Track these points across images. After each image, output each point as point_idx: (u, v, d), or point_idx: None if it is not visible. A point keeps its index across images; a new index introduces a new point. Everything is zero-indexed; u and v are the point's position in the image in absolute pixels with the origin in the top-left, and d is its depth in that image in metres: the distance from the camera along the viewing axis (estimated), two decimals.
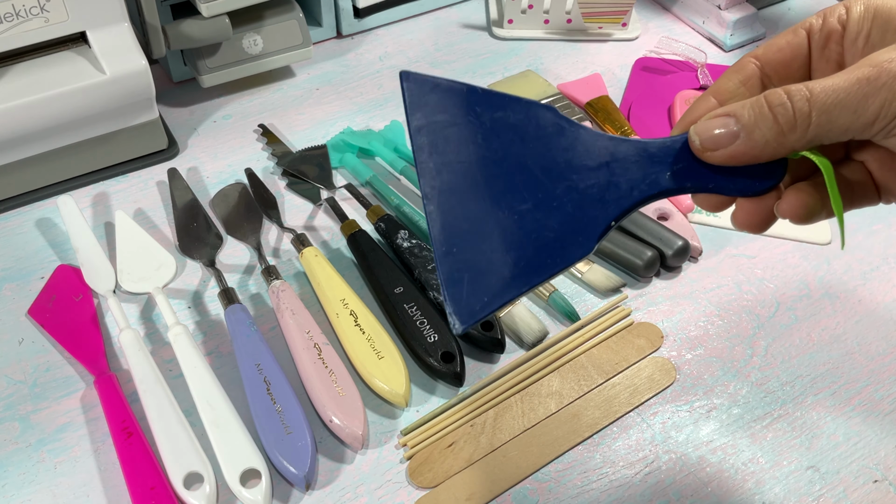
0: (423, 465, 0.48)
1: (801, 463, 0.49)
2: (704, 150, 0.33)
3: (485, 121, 0.36)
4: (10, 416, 0.50)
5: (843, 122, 0.30)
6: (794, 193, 0.33)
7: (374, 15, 0.79)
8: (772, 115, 0.31)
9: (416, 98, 0.36)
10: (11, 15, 0.56)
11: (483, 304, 0.33)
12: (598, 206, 0.34)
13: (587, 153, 0.35)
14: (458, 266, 0.33)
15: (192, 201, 0.62)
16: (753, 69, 0.35)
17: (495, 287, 0.33)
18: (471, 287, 0.33)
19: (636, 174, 0.35)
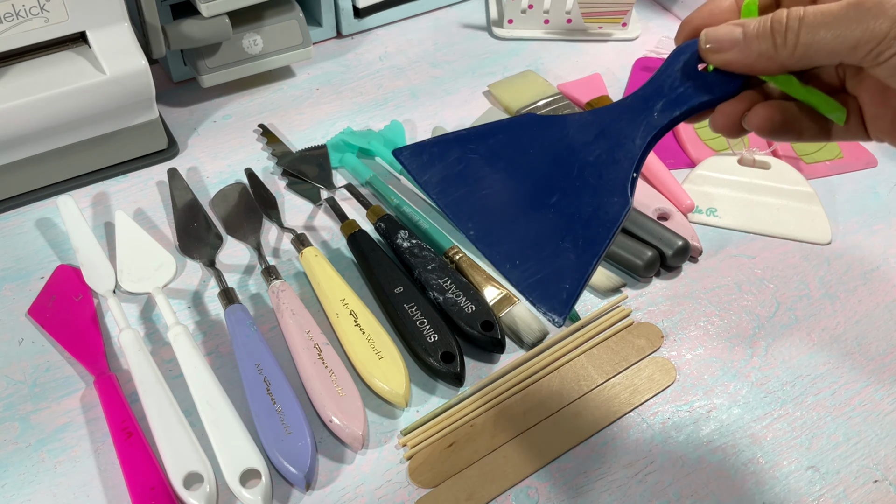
0: (423, 465, 0.48)
1: (802, 463, 0.48)
2: (709, 51, 0.36)
3: (483, 152, 0.39)
4: (10, 416, 0.50)
5: (829, 44, 0.32)
6: (763, 108, 0.36)
7: (374, 15, 0.79)
8: (770, 30, 0.33)
9: (415, 164, 0.39)
10: (11, 15, 0.56)
11: (568, 291, 0.36)
12: (614, 167, 0.37)
13: (580, 133, 0.38)
14: (528, 274, 0.36)
15: (192, 201, 0.62)
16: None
17: (570, 272, 0.36)
18: (550, 284, 0.36)
19: (630, 128, 0.38)
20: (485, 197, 0.38)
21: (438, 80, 0.74)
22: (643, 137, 0.38)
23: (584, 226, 0.37)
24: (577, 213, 0.37)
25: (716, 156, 0.66)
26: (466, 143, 0.39)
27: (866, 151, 0.67)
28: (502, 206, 0.38)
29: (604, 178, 0.37)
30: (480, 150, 0.39)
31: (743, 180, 0.64)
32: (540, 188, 0.38)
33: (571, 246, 0.36)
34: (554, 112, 0.68)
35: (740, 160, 0.65)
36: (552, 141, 0.39)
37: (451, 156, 0.39)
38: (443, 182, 0.39)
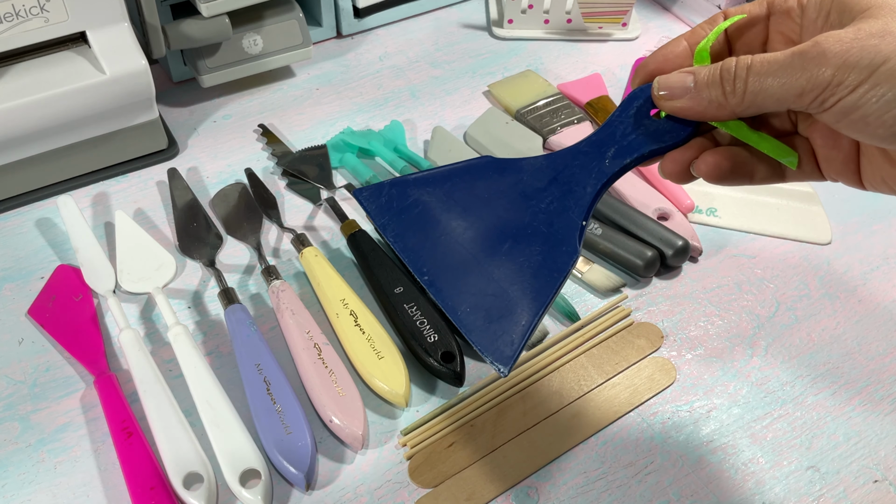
0: (423, 465, 0.48)
1: (802, 463, 0.49)
2: (660, 98, 0.36)
3: (440, 195, 0.40)
4: (10, 416, 0.50)
5: (776, 92, 0.33)
6: (711, 155, 0.36)
7: (374, 15, 0.79)
8: (720, 78, 0.34)
9: (374, 206, 0.40)
10: (11, 15, 0.56)
11: (513, 342, 0.36)
12: (564, 215, 0.38)
13: (535, 178, 0.39)
14: (477, 322, 0.37)
15: (192, 201, 0.62)
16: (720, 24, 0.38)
17: (516, 322, 0.37)
18: (496, 333, 0.37)
19: (581, 175, 0.39)
20: (440, 242, 0.39)
21: (438, 80, 0.74)
22: (594, 185, 0.38)
23: (532, 275, 0.37)
24: (527, 261, 0.38)
25: None
26: (425, 185, 0.40)
27: None
28: (456, 252, 0.39)
29: (554, 227, 0.38)
30: (438, 193, 0.40)
31: None
32: (493, 235, 0.39)
33: (520, 295, 0.37)
34: (554, 111, 0.68)
35: None
36: (507, 186, 0.40)
37: (409, 198, 0.40)
38: (400, 225, 0.40)
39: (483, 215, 0.39)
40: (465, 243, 0.39)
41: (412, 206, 0.40)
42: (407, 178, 0.40)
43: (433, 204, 0.40)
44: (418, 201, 0.40)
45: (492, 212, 0.39)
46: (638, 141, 0.38)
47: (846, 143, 0.36)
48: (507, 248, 0.38)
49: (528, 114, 0.69)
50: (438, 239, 0.39)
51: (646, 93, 0.38)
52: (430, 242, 0.39)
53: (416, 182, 0.40)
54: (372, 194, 0.40)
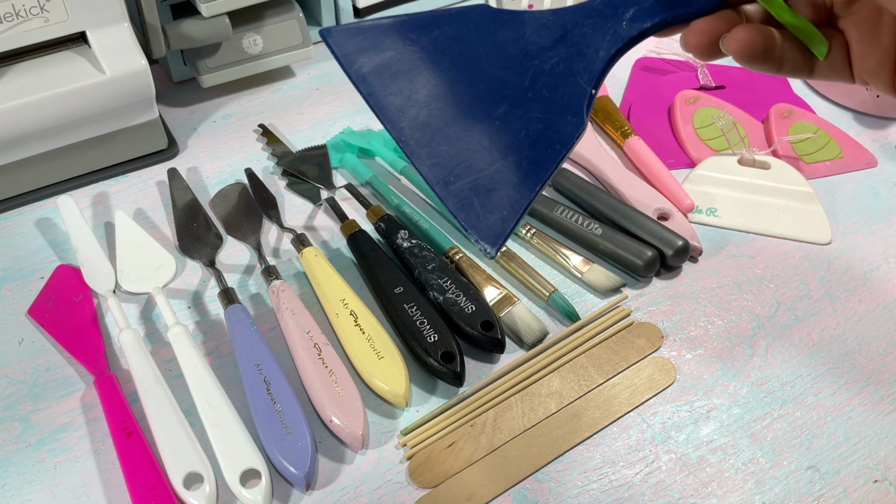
0: (423, 465, 0.48)
1: (802, 463, 0.48)
2: None
3: (425, 44, 0.34)
4: (10, 416, 0.50)
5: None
6: (743, 30, 0.33)
7: (374, 15, 0.79)
8: None
9: (346, 50, 0.34)
10: (11, 15, 0.56)
11: (504, 219, 0.32)
12: (571, 79, 0.33)
13: (538, 34, 0.34)
14: (463, 193, 0.32)
15: (192, 201, 0.62)
16: None
17: (509, 197, 0.32)
18: (485, 207, 0.32)
19: (594, 36, 0.34)
20: (423, 101, 0.33)
21: None
22: (607, 49, 0.34)
23: (531, 144, 0.33)
24: (525, 128, 0.33)
25: (716, 156, 0.66)
26: (408, 31, 0.34)
27: (866, 151, 0.67)
28: (442, 112, 0.33)
29: (559, 92, 0.33)
30: (423, 42, 0.34)
31: (743, 180, 0.64)
32: (486, 95, 0.33)
33: (514, 167, 0.32)
34: None
35: (740, 160, 0.65)
36: (505, 40, 0.34)
37: (388, 45, 0.34)
38: (376, 75, 0.34)
39: (475, 72, 0.34)
40: (453, 104, 0.33)
41: (393, 54, 0.34)
42: (387, 21, 0.34)
43: (417, 53, 0.34)
44: (401, 49, 0.34)
45: (486, 69, 0.34)
46: (662, 2, 0.33)
47: (886, 39, 0.33)
48: (503, 112, 0.33)
49: None
50: (421, 97, 0.34)
51: None
52: (412, 101, 0.34)
53: (399, 26, 0.34)
54: (344, 36, 0.34)
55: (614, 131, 0.68)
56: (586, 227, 0.59)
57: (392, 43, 0.34)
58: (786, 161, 0.65)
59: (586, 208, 0.62)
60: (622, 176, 0.63)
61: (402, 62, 0.34)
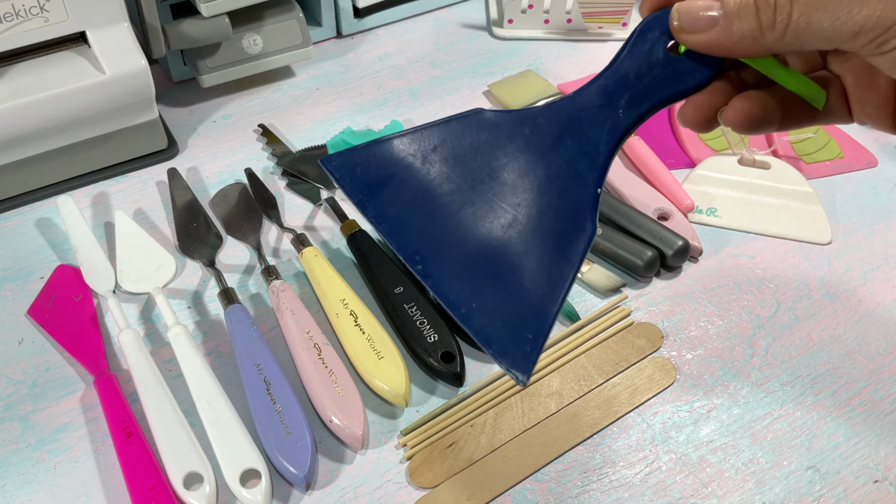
0: (423, 465, 0.48)
1: (802, 463, 0.48)
2: (681, 30, 0.32)
3: (426, 161, 0.33)
4: (10, 416, 0.50)
5: (825, 29, 0.29)
6: (741, 101, 0.33)
7: (374, 15, 0.79)
8: (755, 8, 0.30)
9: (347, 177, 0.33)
10: (11, 15, 0.56)
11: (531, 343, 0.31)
12: (576, 181, 0.33)
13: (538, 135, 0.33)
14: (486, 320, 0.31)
15: (191, 201, 0.62)
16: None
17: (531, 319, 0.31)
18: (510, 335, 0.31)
19: (592, 130, 0.33)
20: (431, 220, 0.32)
21: (438, 80, 0.74)
22: (607, 142, 0.33)
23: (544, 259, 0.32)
24: (537, 240, 0.32)
25: (716, 156, 0.66)
26: (407, 148, 0.33)
27: (866, 151, 0.67)
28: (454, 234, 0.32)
29: (566, 196, 0.32)
30: (423, 157, 0.33)
31: (743, 180, 0.64)
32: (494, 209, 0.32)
33: (532, 286, 0.31)
34: None
35: (740, 160, 0.65)
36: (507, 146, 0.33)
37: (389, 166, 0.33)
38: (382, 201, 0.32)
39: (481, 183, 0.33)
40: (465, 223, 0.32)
41: (394, 174, 0.33)
42: (384, 141, 0.33)
43: (419, 171, 0.33)
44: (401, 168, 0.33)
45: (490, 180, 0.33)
46: (654, 84, 0.32)
47: (884, 83, 0.32)
48: (514, 225, 0.32)
49: None
50: (429, 216, 0.32)
51: (661, 23, 0.32)
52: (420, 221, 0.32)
53: (396, 145, 0.33)
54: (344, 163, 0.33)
55: None
56: None
57: (393, 164, 0.33)
58: (786, 161, 0.65)
59: None
60: (622, 176, 0.63)
61: (407, 184, 0.33)
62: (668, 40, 0.33)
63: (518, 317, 0.31)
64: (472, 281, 0.32)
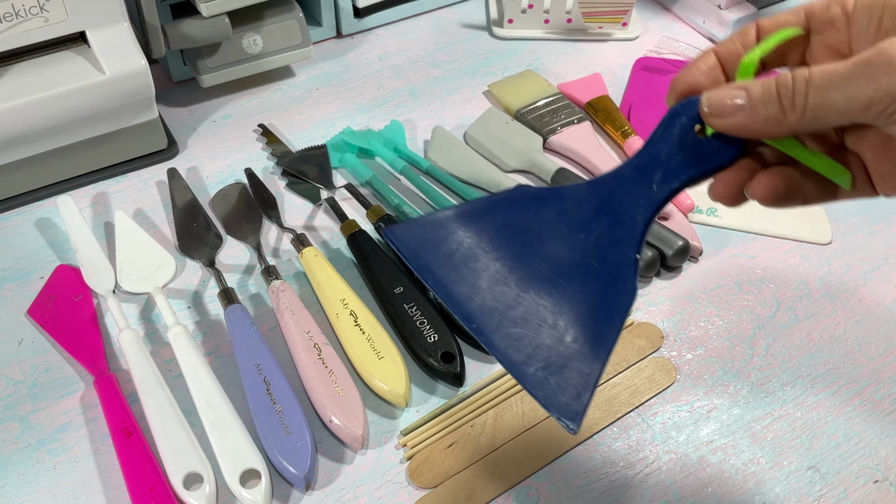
0: (423, 466, 0.48)
1: (802, 463, 0.48)
2: (711, 115, 0.34)
3: (479, 232, 0.37)
4: (9, 416, 0.50)
5: (840, 105, 0.31)
6: (766, 176, 0.35)
7: (374, 15, 0.79)
8: (777, 94, 0.32)
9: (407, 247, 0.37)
10: (11, 15, 0.56)
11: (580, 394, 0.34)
12: (616, 248, 0.36)
13: (578, 208, 0.37)
14: (539, 374, 0.34)
15: (191, 201, 0.62)
16: (754, 38, 0.37)
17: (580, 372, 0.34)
18: (560, 386, 0.34)
19: (629, 203, 0.36)
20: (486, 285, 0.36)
21: (438, 80, 0.74)
22: (643, 214, 0.36)
23: (590, 317, 0.35)
24: (582, 301, 0.35)
25: None
26: (459, 222, 0.37)
27: None
28: (505, 295, 0.36)
29: (607, 262, 0.36)
30: (474, 229, 0.37)
31: None
32: (541, 274, 0.36)
33: (580, 342, 0.34)
34: (554, 111, 0.68)
35: None
36: (549, 218, 0.37)
37: (443, 237, 0.37)
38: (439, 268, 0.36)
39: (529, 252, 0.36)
40: (514, 285, 0.36)
41: (448, 245, 0.37)
42: (439, 215, 0.37)
43: (470, 242, 0.37)
44: (454, 239, 0.37)
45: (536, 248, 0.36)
46: (685, 163, 0.36)
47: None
48: (560, 287, 0.35)
49: (528, 114, 0.69)
50: (481, 281, 0.36)
51: (688, 110, 0.36)
52: (476, 287, 0.36)
53: (449, 218, 0.37)
54: (404, 234, 0.37)
55: (614, 131, 0.68)
56: None
57: (448, 234, 0.37)
58: None
59: None
60: None
61: (461, 251, 0.36)
62: (695, 124, 0.36)
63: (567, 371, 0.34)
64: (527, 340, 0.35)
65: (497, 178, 0.63)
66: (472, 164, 0.65)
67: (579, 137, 0.66)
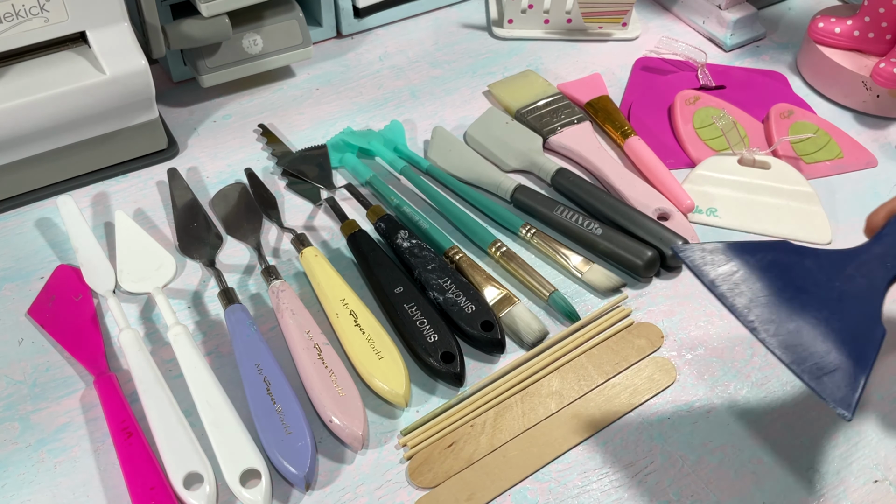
0: (423, 465, 0.48)
1: (801, 463, 0.48)
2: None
3: (751, 262, 0.45)
4: (10, 416, 0.50)
5: None
6: None
7: (374, 15, 0.79)
8: None
9: (696, 263, 0.46)
10: (11, 15, 0.56)
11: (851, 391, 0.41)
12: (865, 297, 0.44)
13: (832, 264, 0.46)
14: (813, 371, 0.42)
15: (191, 201, 0.62)
16: None
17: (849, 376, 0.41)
18: (833, 382, 0.41)
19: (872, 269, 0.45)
20: (763, 300, 0.44)
21: (438, 80, 0.74)
22: (883, 279, 0.45)
23: (850, 340, 0.42)
24: (842, 329, 0.43)
25: (716, 156, 0.66)
26: (736, 252, 0.45)
27: (866, 151, 0.67)
28: (778, 310, 0.44)
29: (861, 305, 0.44)
30: (750, 259, 0.45)
31: (743, 180, 0.64)
32: (808, 302, 0.44)
33: (844, 357, 0.42)
34: (554, 111, 0.68)
35: (740, 160, 0.65)
36: (809, 266, 0.45)
37: (725, 260, 0.45)
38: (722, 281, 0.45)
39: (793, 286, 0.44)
40: (786, 304, 0.44)
41: (729, 267, 0.45)
42: (719, 244, 0.46)
43: (748, 268, 0.45)
44: (733, 264, 0.45)
45: (800, 284, 0.45)
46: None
47: None
48: (823, 316, 0.43)
49: (528, 114, 0.69)
50: (761, 299, 0.44)
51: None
52: (755, 301, 0.44)
53: (728, 247, 0.46)
54: (693, 253, 0.46)
55: (614, 131, 0.68)
56: (586, 227, 0.59)
57: (727, 259, 0.45)
58: (786, 161, 0.65)
59: (586, 208, 0.62)
60: (622, 176, 0.63)
61: (739, 273, 0.45)
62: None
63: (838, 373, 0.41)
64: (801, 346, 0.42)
65: (497, 178, 0.63)
66: (472, 164, 0.65)
67: (579, 137, 0.66)
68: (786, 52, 0.78)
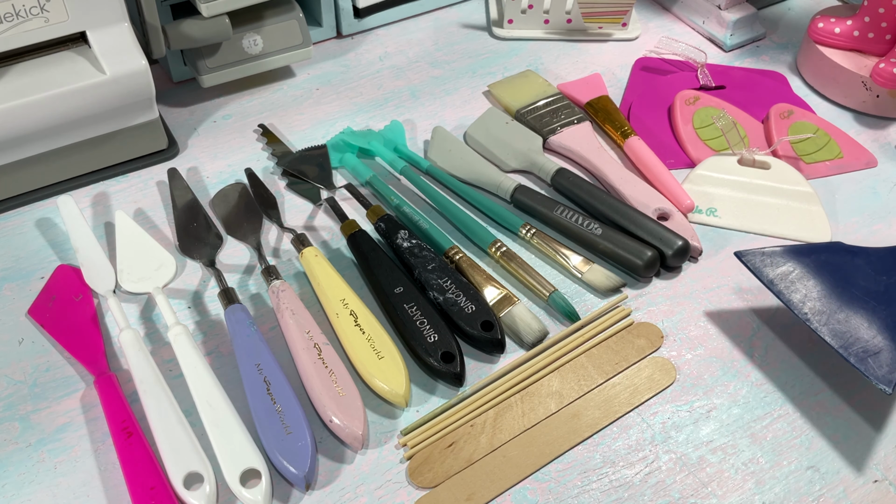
0: (423, 465, 0.48)
1: (801, 463, 0.49)
2: None
3: (806, 262, 0.52)
4: (10, 416, 0.50)
5: None
6: None
7: (374, 15, 0.79)
8: None
9: (756, 264, 0.52)
10: (11, 15, 0.56)
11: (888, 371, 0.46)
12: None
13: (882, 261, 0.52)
14: (859, 354, 0.47)
15: (192, 201, 0.62)
16: None
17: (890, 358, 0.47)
18: (876, 363, 0.47)
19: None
20: (816, 295, 0.50)
21: (438, 80, 0.74)
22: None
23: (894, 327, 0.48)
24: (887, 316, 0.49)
25: (716, 156, 0.66)
26: (792, 254, 0.52)
27: (866, 151, 0.67)
28: (830, 304, 0.50)
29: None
30: (804, 260, 0.52)
31: (743, 180, 0.64)
32: (855, 296, 0.50)
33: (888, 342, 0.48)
34: (554, 111, 0.68)
35: (740, 160, 0.65)
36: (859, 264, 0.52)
37: (781, 262, 0.52)
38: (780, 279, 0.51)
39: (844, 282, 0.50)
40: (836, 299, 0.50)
41: (785, 268, 0.51)
42: (777, 248, 0.53)
43: (802, 268, 0.51)
44: (790, 265, 0.51)
45: (851, 280, 0.51)
46: None
47: None
48: (870, 307, 0.49)
49: (528, 114, 0.69)
50: (814, 294, 0.50)
51: None
52: (809, 297, 0.50)
53: (785, 251, 0.52)
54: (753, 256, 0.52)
55: (614, 131, 0.68)
56: (586, 227, 0.59)
57: (783, 261, 0.52)
58: (786, 161, 0.65)
59: (586, 208, 0.62)
60: (622, 176, 0.63)
61: (794, 273, 0.51)
62: None
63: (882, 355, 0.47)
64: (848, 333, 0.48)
65: (497, 178, 0.63)
66: (472, 164, 0.65)
67: (579, 137, 0.66)
68: (786, 52, 0.78)
